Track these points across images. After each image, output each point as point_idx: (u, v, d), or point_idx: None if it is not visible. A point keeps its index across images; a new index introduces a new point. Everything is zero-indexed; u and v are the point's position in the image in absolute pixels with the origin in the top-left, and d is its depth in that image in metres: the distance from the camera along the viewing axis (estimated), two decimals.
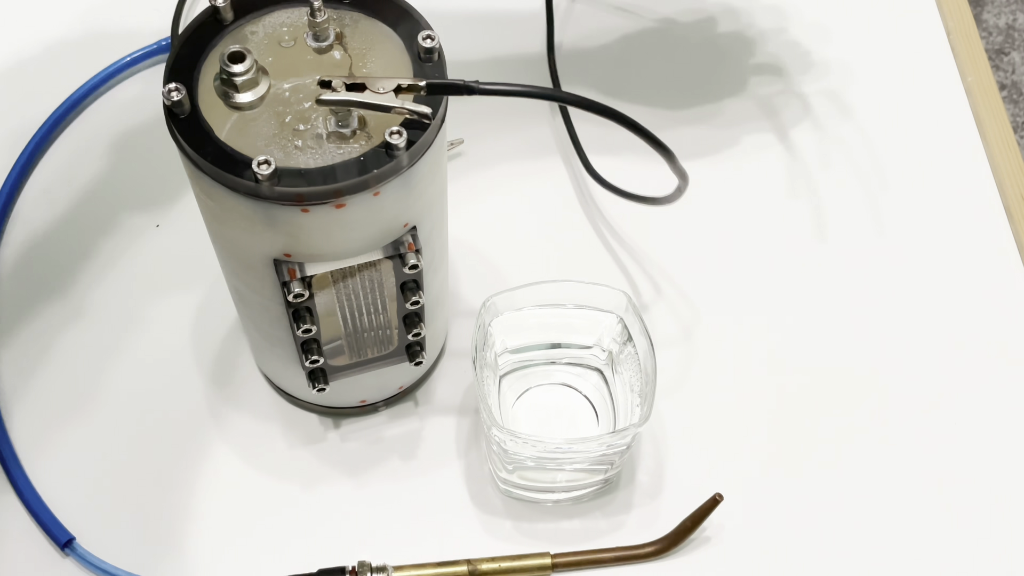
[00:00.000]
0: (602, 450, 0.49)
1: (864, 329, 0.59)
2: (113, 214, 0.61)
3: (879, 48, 0.70)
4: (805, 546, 0.52)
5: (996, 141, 0.65)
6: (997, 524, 0.53)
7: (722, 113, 0.67)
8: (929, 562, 0.52)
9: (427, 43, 0.42)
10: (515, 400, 0.54)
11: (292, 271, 0.42)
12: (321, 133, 0.41)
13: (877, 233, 0.62)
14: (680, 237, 0.62)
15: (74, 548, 0.51)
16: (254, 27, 0.43)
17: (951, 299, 0.60)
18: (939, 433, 0.56)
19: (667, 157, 0.44)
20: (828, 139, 0.66)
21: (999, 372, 0.57)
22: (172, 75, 0.41)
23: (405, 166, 0.41)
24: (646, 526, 0.52)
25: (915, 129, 0.66)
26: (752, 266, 0.61)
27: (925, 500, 0.54)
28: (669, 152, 0.44)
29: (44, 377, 0.56)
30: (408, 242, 0.44)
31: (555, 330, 0.54)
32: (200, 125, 0.40)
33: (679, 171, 0.45)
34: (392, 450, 0.54)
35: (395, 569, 0.50)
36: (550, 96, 0.42)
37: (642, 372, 0.50)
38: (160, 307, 0.58)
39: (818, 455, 0.55)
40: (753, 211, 0.63)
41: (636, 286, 0.54)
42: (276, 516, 0.53)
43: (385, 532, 0.52)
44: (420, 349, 0.50)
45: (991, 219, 0.63)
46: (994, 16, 1.57)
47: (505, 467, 0.51)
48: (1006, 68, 1.55)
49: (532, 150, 0.64)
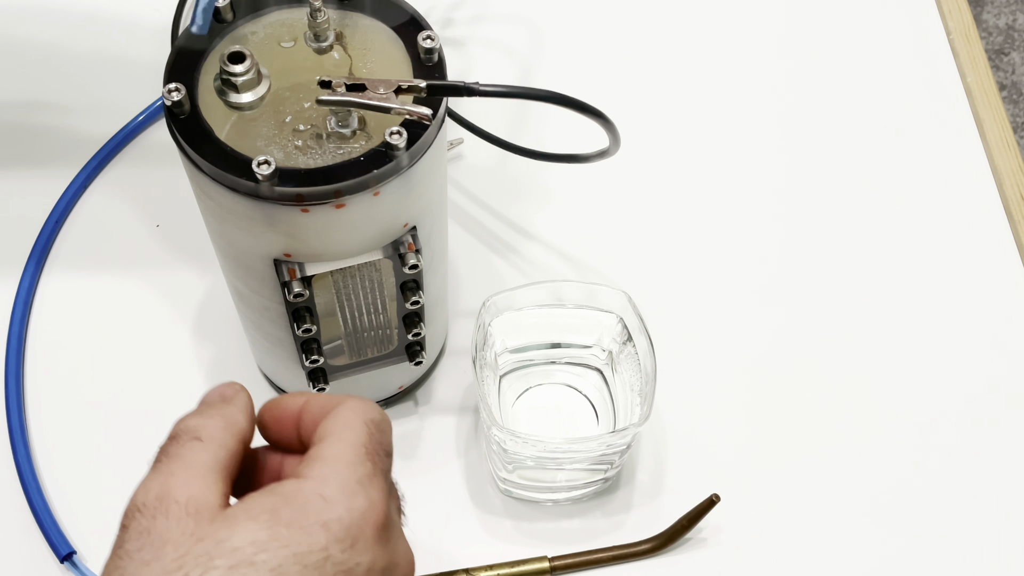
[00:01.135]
0: (602, 450, 0.49)
1: (864, 330, 0.59)
2: (113, 214, 0.61)
3: (879, 48, 0.70)
4: (804, 548, 0.52)
5: (996, 141, 0.65)
6: (996, 525, 0.53)
7: (723, 114, 0.67)
8: (928, 566, 0.52)
9: (427, 44, 0.42)
10: (515, 400, 0.54)
11: (292, 271, 0.42)
12: (321, 133, 0.41)
13: (877, 233, 0.62)
14: (680, 237, 0.62)
15: (74, 563, 0.50)
16: (254, 27, 0.43)
17: (951, 299, 0.60)
18: (939, 434, 0.56)
19: (608, 126, 0.44)
20: (828, 139, 0.66)
21: (999, 372, 0.57)
22: (172, 75, 0.41)
23: (405, 166, 0.41)
24: (646, 526, 0.52)
25: (915, 129, 0.66)
26: (752, 266, 0.61)
27: (925, 502, 0.54)
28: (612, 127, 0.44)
29: (45, 378, 0.56)
30: (408, 242, 0.44)
31: (555, 330, 0.54)
32: (200, 125, 0.40)
33: (610, 130, 0.45)
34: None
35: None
36: (550, 97, 0.42)
37: (642, 372, 0.50)
38: (160, 307, 0.58)
39: (818, 456, 0.55)
40: (753, 212, 0.63)
41: (636, 286, 0.54)
42: None
43: None
44: (420, 349, 0.51)
45: (991, 219, 0.63)
46: (994, 16, 1.57)
47: (505, 467, 0.51)
48: (1006, 68, 1.55)
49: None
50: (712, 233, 0.62)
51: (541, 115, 0.65)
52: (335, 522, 0.32)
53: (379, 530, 0.33)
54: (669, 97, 0.67)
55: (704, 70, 0.69)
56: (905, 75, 0.69)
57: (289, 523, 0.31)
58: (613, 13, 0.71)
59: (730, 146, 0.66)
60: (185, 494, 0.31)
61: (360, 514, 0.32)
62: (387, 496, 0.34)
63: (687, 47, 0.70)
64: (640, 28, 0.71)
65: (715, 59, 0.69)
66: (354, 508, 0.32)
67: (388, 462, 0.35)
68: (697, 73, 0.68)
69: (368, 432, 0.35)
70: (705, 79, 0.68)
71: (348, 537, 0.32)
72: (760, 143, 0.66)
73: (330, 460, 0.33)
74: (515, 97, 0.41)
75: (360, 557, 0.32)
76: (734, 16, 0.71)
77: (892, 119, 0.67)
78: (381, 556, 0.33)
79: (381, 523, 0.33)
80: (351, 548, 0.32)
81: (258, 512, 0.31)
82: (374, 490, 0.33)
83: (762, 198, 0.63)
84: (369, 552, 0.32)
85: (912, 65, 0.69)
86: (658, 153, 0.65)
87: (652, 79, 0.68)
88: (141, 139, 0.64)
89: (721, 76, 0.68)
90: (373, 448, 0.35)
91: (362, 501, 0.33)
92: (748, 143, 0.66)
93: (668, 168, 0.65)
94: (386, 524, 0.34)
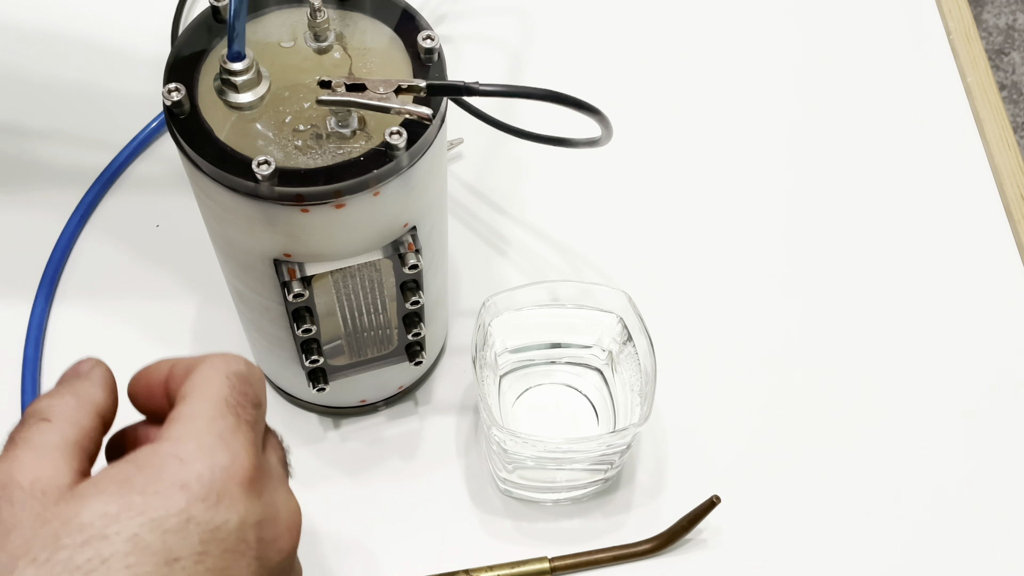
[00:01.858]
0: (602, 450, 0.49)
1: (865, 330, 0.59)
2: (113, 214, 0.61)
3: (879, 48, 0.70)
4: (805, 549, 0.52)
5: (996, 141, 0.65)
6: (998, 526, 0.53)
7: (723, 115, 0.67)
8: (929, 566, 0.52)
9: (427, 43, 0.42)
10: (515, 400, 0.54)
11: (292, 271, 0.42)
12: (321, 133, 0.41)
13: (877, 233, 0.62)
14: (681, 237, 0.62)
15: None
16: (254, 27, 0.43)
17: (951, 299, 0.60)
18: (939, 435, 0.56)
19: (602, 121, 0.44)
20: (828, 139, 0.66)
21: (999, 372, 0.57)
22: (172, 75, 0.41)
23: (405, 166, 0.41)
24: (646, 526, 0.52)
25: (915, 129, 0.66)
26: (752, 266, 0.61)
27: (925, 504, 0.54)
28: (602, 120, 0.44)
29: (46, 380, 0.56)
30: (408, 242, 0.44)
31: (555, 330, 0.54)
32: (200, 125, 0.40)
33: (604, 125, 0.45)
34: (392, 450, 0.54)
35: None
36: (548, 96, 0.42)
37: (642, 372, 0.50)
38: (160, 308, 0.58)
39: (818, 456, 0.55)
40: (753, 211, 0.63)
41: (636, 286, 0.54)
42: None
43: (385, 532, 0.52)
44: (420, 349, 0.50)
45: (991, 219, 0.63)
46: (994, 16, 1.57)
47: (505, 467, 0.51)
48: (1006, 68, 1.55)
49: (531, 150, 0.64)
50: (712, 233, 0.62)
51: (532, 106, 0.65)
52: (195, 481, 0.31)
53: (247, 484, 0.32)
54: (668, 96, 0.67)
55: (704, 70, 0.69)
56: (905, 75, 0.69)
57: (143, 490, 0.30)
58: (611, 10, 0.71)
59: (731, 147, 0.66)
60: (29, 477, 0.31)
61: (222, 469, 0.32)
62: (254, 448, 0.33)
63: (687, 47, 0.70)
64: (639, 27, 0.71)
65: (715, 59, 0.69)
66: (215, 464, 0.32)
67: (256, 413, 0.34)
68: (698, 73, 0.68)
69: (230, 385, 0.34)
70: (706, 79, 0.68)
71: (211, 495, 0.31)
72: (760, 143, 0.66)
73: (187, 419, 0.33)
74: (514, 96, 0.41)
75: (227, 514, 0.31)
76: (734, 16, 0.71)
77: (892, 119, 0.67)
78: (253, 510, 0.32)
79: (249, 476, 0.32)
80: (216, 505, 0.31)
81: (107, 484, 0.31)
82: (238, 443, 0.32)
83: (762, 198, 0.63)
84: (238, 507, 0.31)
85: (912, 65, 0.69)
86: (658, 153, 0.65)
87: (652, 79, 0.68)
88: (148, 153, 0.64)
89: (721, 76, 0.68)
90: (236, 400, 0.34)
91: (224, 456, 0.32)
92: (748, 143, 0.66)
93: (668, 168, 0.65)
94: (256, 477, 0.33)
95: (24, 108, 0.65)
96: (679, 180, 0.64)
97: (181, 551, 0.30)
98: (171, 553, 0.30)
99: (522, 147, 0.56)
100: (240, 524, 0.31)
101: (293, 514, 0.35)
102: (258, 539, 0.32)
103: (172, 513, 0.30)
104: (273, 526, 0.33)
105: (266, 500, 0.33)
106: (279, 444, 0.37)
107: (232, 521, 0.31)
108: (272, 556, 0.33)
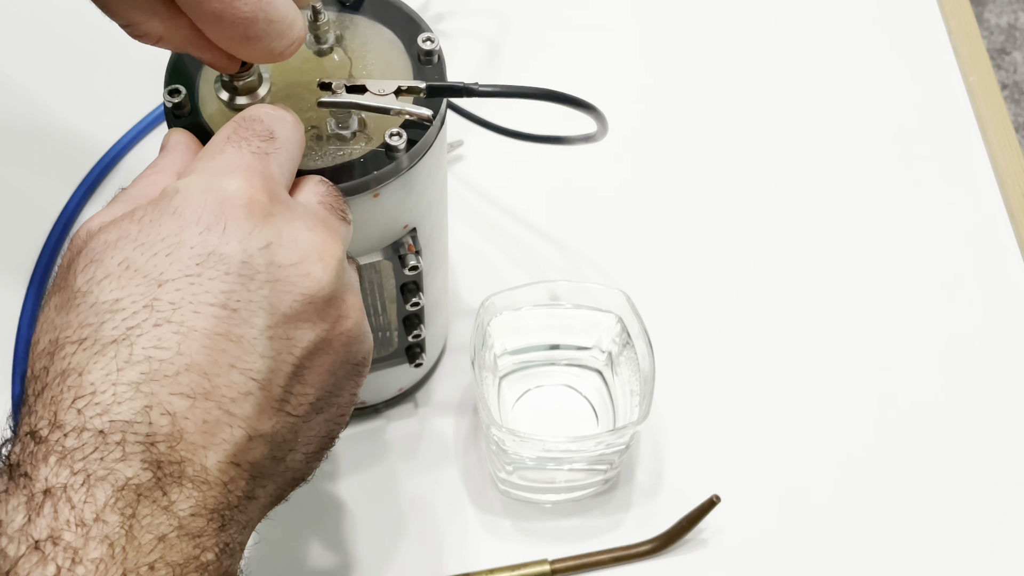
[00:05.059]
0: (601, 449, 0.49)
1: (865, 330, 0.59)
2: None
3: (879, 48, 0.70)
4: (805, 549, 0.52)
5: (998, 141, 0.65)
6: (999, 528, 0.53)
7: (724, 115, 0.67)
8: (930, 567, 0.52)
9: (427, 45, 0.42)
10: (515, 401, 0.54)
11: None
12: (321, 135, 0.41)
13: (878, 233, 0.62)
14: (680, 237, 0.62)
15: None
16: None
17: (952, 299, 0.60)
18: (939, 435, 0.56)
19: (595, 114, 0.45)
20: (829, 139, 0.66)
21: (1000, 372, 0.57)
22: (173, 77, 0.41)
23: (405, 168, 0.41)
24: (645, 525, 0.52)
25: (916, 129, 0.66)
26: (752, 266, 0.61)
27: (925, 504, 0.54)
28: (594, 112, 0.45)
29: None
30: (408, 244, 0.44)
31: (554, 331, 0.54)
32: (200, 127, 0.40)
33: (600, 121, 0.46)
34: (392, 451, 0.54)
35: None
36: (547, 95, 0.42)
37: (640, 371, 0.50)
38: None
39: (819, 456, 0.55)
40: (752, 211, 0.63)
41: (636, 286, 0.54)
42: (276, 517, 0.53)
43: (385, 532, 0.52)
44: (420, 351, 0.51)
45: (992, 219, 0.63)
46: (995, 15, 1.57)
47: (504, 467, 0.51)
48: (1008, 68, 1.55)
49: (531, 151, 0.64)
50: (713, 233, 0.62)
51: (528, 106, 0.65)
52: (186, 207, 0.33)
53: (248, 208, 0.33)
54: (669, 96, 0.67)
55: (705, 70, 0.69)
56: (906, 75, 0.69)
57: (140, 219, 0.33)
58: (610, 7, 0.71)
59: (731, 147, 0.65)
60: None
61: (216, 195, 0.33)
62: (260, 178, 0.34)
63: (687, 47, 0.70)
64: (639, 27, 0.71)
65: (716, 59, 0.69)
66: (208, 190, 0.33)
67: (266, 145, 0.36)
68: (699, 74, 0.68)
69: (234, 125, 0.36)
70: (706, 80, 0.68)
71: (203, 219, 0.32)
72: (761, 143, 0.66)
73: (194, 166, 0.35)
74: (513, 96, 0.42)
75: (226, 237, 0.32)
76: (734, 15, 0.71)
77: (893, 119, 0.67)
78: (258, 234, 0.33)
79: (250, 201, 0.33)
80: (210, 229, 0.32)
81: (113, 215, 0.34)
82: (239, 173, 0.34)
83: (762, 198, 0.63)
84: (237, 232, 0.32)
85: (913, 65, 0.69)
86: (658, 154, 0.65)
87: (652, 78, 0.68)
88: (143, 145, 0.64)
89: (722, 77, 0.68)
90: (240, 136, 0.35)
91: (219, 183, 0.33)
92: (749, 144, 0.66)
93: (668, 168, 0.64)
94: (262, 202, 0.34)
95: (21, 106, 0.65)
96: (679, 180, 0.64)
97: (171, 272, 0.32)
98: (162, 275, 0.32)
99: (521, 148, 0.56)
100: (242, 247, 0.33)
101: (322, 243, 0.35)
102: (269, 262, 0.33)
103: (163, 237, 0.32)
104: (289, 251, 0.34)
105: (278, 225, 0.34)
106: (324, 189, 0.38)
107: (232, 244, 0.32)
108: (297, 282, 0.34)
